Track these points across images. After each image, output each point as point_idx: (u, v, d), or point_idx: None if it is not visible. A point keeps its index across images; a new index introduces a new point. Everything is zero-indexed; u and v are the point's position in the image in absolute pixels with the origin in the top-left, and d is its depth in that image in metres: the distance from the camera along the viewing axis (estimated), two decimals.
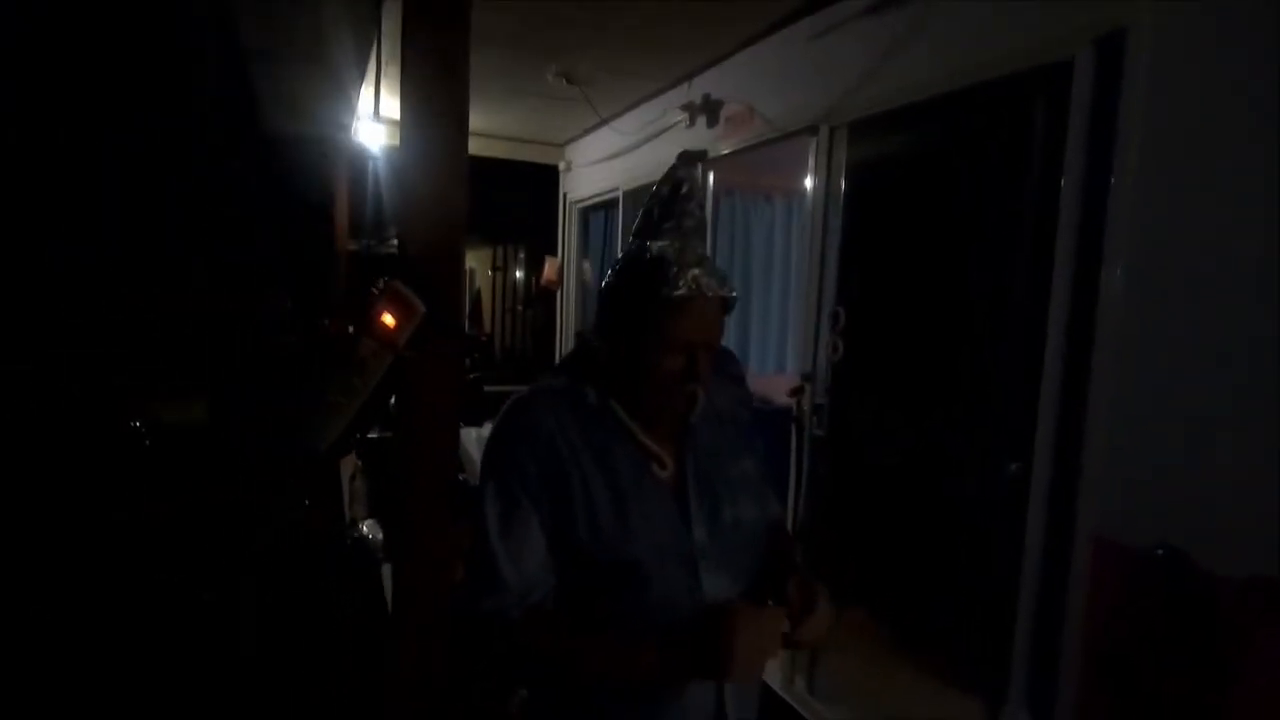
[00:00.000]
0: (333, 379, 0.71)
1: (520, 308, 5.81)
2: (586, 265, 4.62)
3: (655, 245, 0.96)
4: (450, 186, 0.80)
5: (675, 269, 0.93)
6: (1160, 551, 1.33)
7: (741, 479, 1.04)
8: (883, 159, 2.24)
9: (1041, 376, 1.62)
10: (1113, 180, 1.45)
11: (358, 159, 3.60)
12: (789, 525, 2.32)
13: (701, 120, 2.95)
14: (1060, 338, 1.58)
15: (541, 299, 5.10)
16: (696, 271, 0.93)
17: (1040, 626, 1.63)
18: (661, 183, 1.00)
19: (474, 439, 3.37)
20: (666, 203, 0.99)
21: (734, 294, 0.98)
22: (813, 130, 2.35)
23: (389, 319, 0.65)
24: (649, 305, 0.93)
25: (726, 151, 2.84)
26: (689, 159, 0.99)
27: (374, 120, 3.23)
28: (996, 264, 1.89)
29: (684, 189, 0.98)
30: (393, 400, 0.76)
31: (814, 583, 0.96)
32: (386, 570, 1.85)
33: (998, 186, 1.89)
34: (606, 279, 1.00)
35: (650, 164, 3.37)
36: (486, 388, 3.74)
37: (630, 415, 0.98)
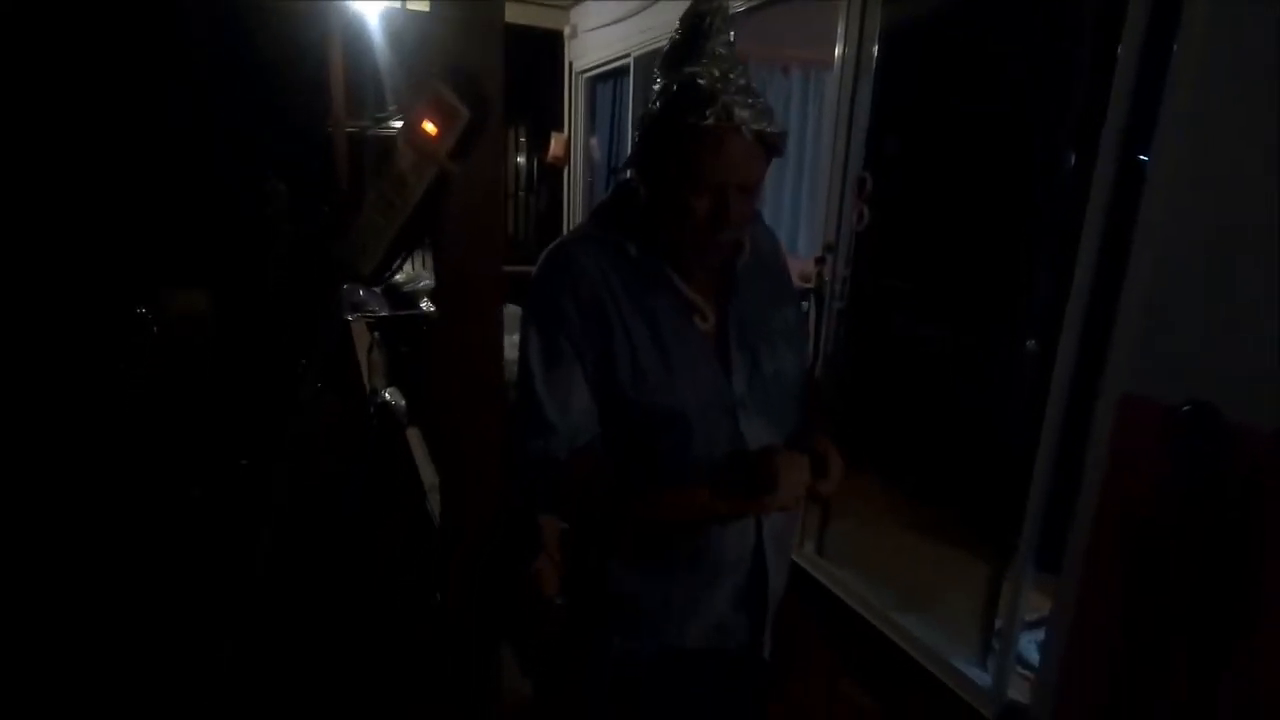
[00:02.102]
0: (370, 197, 0.67)
1: (523, 193, 5.64)
2: (594, 142, 4.43)
3: (687, 70, 0.88)
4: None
5: (706, 95, 0.85)
6: (1186, 407, 1.34)
7: (782, 328, 1.03)
8: (919, 24, 2.09)
9: (1077, 243, 1.57)
10: (1175, 50, 1.34)
11: (353, 23, 3.35)
12: None
13: None
14: (1103, 204, 1.52)
15: (546, 181, 4.94)
16: (730, 99, 0.85)
17: (1056, 488, 1.66)
18: (683, 19, 0.91)
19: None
20: (690, 34, 0.90)
21: (777, 130, 0.89)
22: None
23: (430, 126, 0.60)
24: (676, 137, 0.87)
25: (742, 8, 2.64)
26: None
27: None
28: (1038, 138, 1.80)
29: (707, 20, 0.89)
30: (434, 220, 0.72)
31: (831, 442, 0.98)
32: (412, 433, 1.88)
33: (1045, 55, 1.77)
34: (644, 111, 0.94)
35: (665, 25, 3.14)
36: None
37: (671, 264, 0.95)
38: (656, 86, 0.93)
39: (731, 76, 0.87)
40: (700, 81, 0.86)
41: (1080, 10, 1.66)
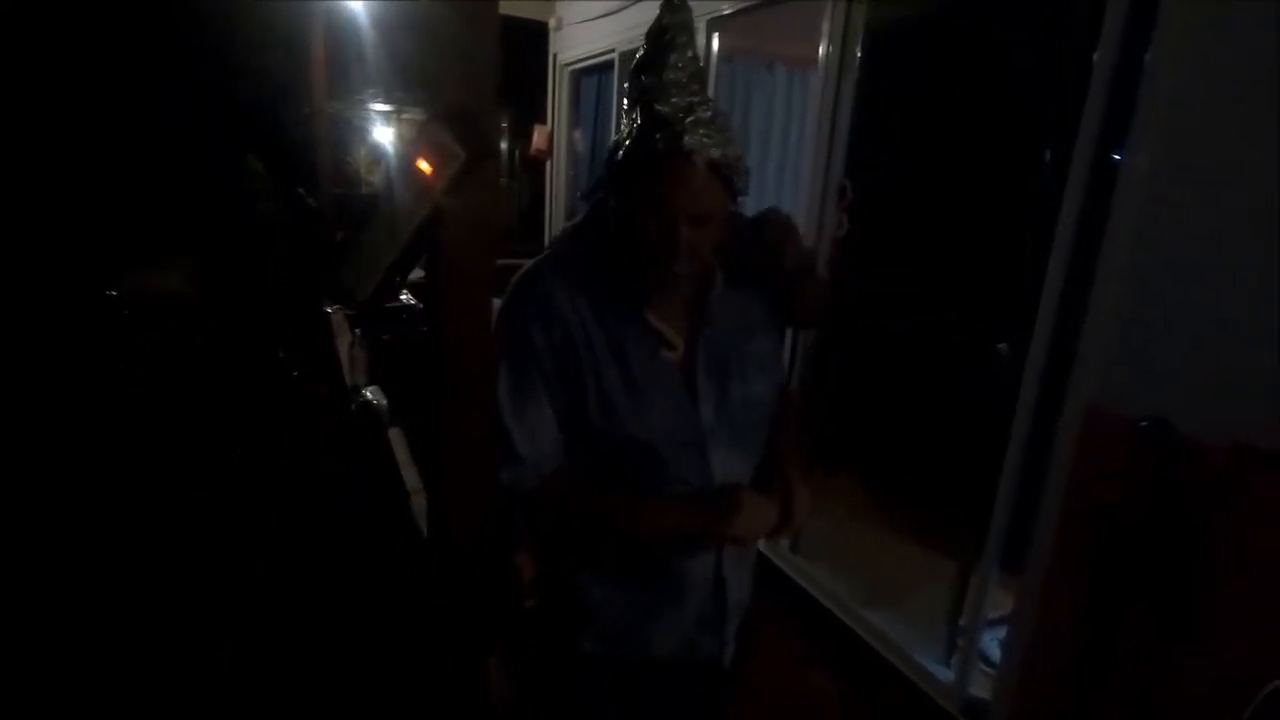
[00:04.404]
0: (367, 230, 0.69)
1: (505, 179, 5.61)
2: (578, 135, 4.42)
3: (648, 97, 0.87)
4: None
5: (660, 122, 0.84)
6: (1144, 422, 1.39)
7: (754, 356, 1.03)
8: (902, 26, 2.12)
9: (1050, 253, 1.62)
10: (1148, 58, 1.38)
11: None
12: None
13: None
14: (1074, 216, 1.57)
15: (529, 171, 4.92)
16: (683, 128, 0.83)
17: (1022, 494, 1.72)
18: (647, 33, 0.91)
19: None
20: (652, 48, 0.90)
21: (734, 157, 0.87)
22: None
23: (425, 165, 0.62)
24: (631, 165, 0.86)
25: (729, 11, 2.66)
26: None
27: None
28: (1015, 143, 1.84)
29: (666, 37, 0.88)
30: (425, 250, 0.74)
31: (800, 479, 1.00)
32: (394, 433, 1.88)
33: (1025, 59, 1.80)
34: (614, 139, 0.95)
35: (650, 22, 3.14)
36: None
37: (640, 292, 0.95)
38: (624, 105, 0.94)
39: (692, 104, 0.86)
40: (659, 109, 0.85)
41: (1060, 16, 1.69)
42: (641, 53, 0.91)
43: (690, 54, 0.90)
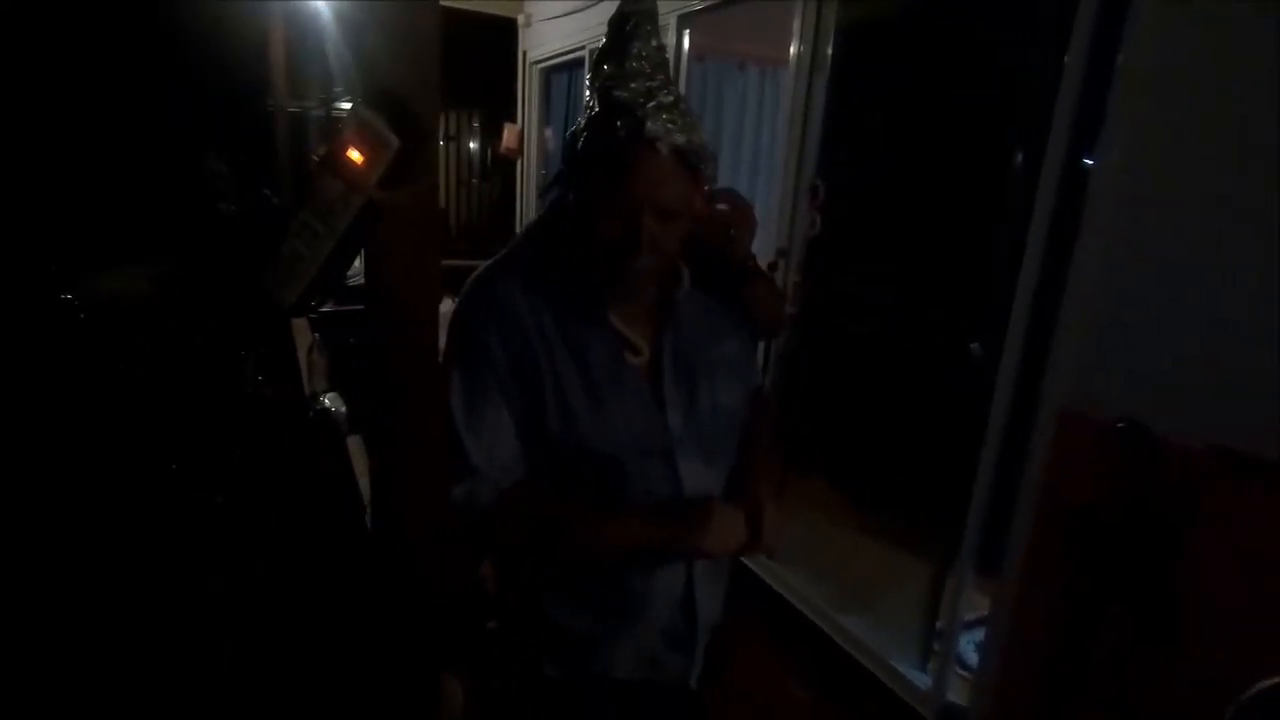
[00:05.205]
0: (294, 225, 0.63)
1: (475, 180, 5.53)
2: (549, 133, 4.36)
3: (609, 83, 0.83)
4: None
5: (621, 109, 0.79)
6: (1120, 424, 1.38)
7: (723, 360, 0.98)
8: (874, 24, 2.09)
9: (1023, 253, 1.60)
10: (1120, 60, 1.37)
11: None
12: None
13: None
14: (1047, 217, 1.55)
15: (499, 170, 4.85)
16: (645, 113, 0.79)
17: (997, 496, 1.70)
18: (610, 21, 0.87)
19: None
20: (614, 37, 0.86)
21: (699, 144, 0.82)
22: None
23: (355, 154, 0.56)
24: (592, 155, 0.82)
25: (699, 7, 2.62)
26: None
27: None
28: (987, 143, 1.83)
29: (628, 25, 0.84)
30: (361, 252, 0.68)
31: (771, 493, 0.96)
32: (353, 441, 1.81)
33: (998, 57, 1.79)
34: (571, 129, 0.90)
35: None
36: (443, 263, 3.60)
37: (602, 294, 0.90)
38: (585, 96, 0.89)
39: (653, 89, 0.81)
40: (619, 95, 0.81)
41: (1031, 16, 1.68)
42: (604, 41, 0.87)
43: (655, 43, 0.85)
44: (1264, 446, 1.16)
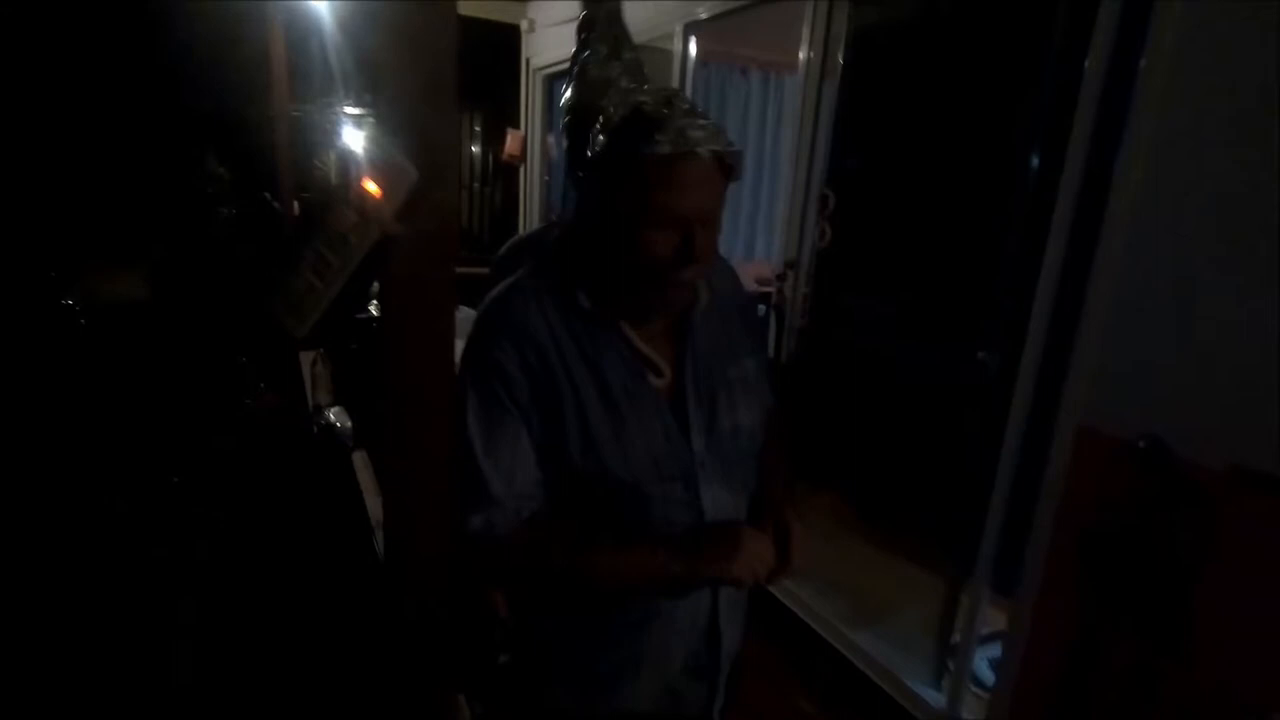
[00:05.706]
0: (307, 256, 0.61)
1: (478, 185, 5.51)
2: (552, 140, 4.34)
3: (619, 95, 0.83)
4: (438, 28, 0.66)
5: (655, 121, 0.77)
6: (1142, 443, 1.35)
7: (741, 381, 0.96)
8: (886, 31, 2.07)
9: (1038, 265, 1.57)
10: (1143, 64, 1.34)
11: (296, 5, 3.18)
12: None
13: None
14: (1065, 230, 1.52)
15: (502, 175, 4.82)
16: (682, 122, 0.77)
17: (1013, 513, 1.68)
18: (578, 28, 0.88)
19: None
20: (592, 50, 0.86)
21: (728, 144, 0.81)
22: None
23: (372, 186, 0.54)
24: (627, 171, 0.79)
25: (705, 16, 2.60)
26: None
27: None
28: (1000, 151, 1.80)
29: (596, 30, 0.85)
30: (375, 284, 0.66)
31: (794, 518, 0.94)
32: (358, 457, 1.79)
33: (1013, 65, 1.76)
34: (586, 149, 0.87)
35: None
36: None
37: (623, 315, 0.87)
38: (565, 96, 0.88)
39: (674, 100, 0.80)
40: (644, 107, 0.79)
41: (1050, 23, 1.65)
42: (585, 52, 0.87)
43: (629, 47, 0.87)
44: None
